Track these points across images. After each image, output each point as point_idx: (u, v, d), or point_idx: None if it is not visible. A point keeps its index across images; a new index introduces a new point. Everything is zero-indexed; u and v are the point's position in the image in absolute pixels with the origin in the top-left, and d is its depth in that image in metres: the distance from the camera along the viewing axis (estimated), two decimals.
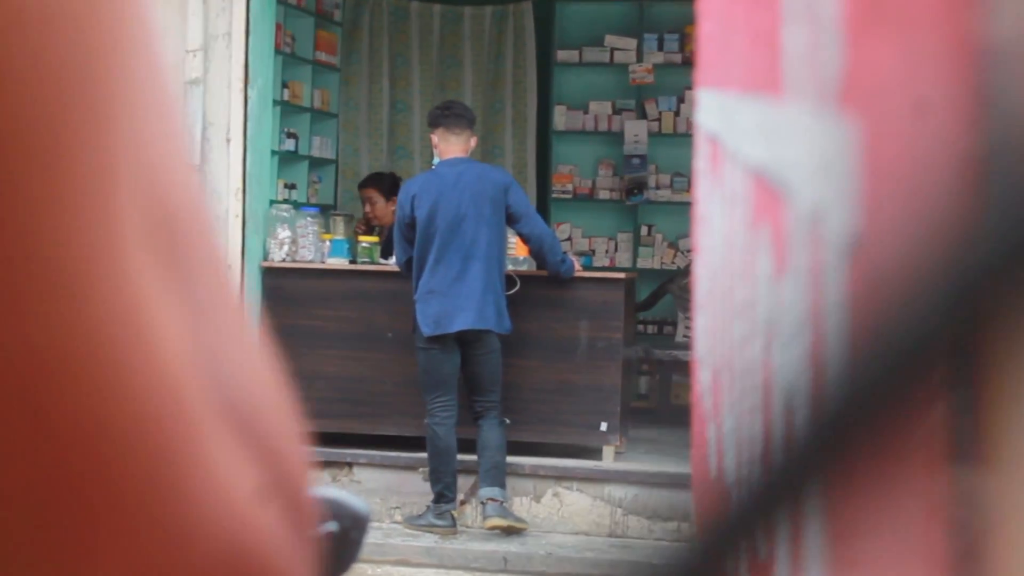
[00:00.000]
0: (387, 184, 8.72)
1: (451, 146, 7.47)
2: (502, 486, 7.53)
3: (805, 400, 0.73)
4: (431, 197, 7.36)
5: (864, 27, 0.51)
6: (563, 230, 11.24)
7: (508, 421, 7.65)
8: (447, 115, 7.50)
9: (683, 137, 11.01)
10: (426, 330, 7.35)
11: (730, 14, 1.15)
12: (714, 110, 1.35)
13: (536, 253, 7.64)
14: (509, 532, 7.58)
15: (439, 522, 7.57)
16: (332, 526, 1.61)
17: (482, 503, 7.57)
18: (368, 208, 8.90)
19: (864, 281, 0.50)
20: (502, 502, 7.52)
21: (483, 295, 7.33)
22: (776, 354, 0.84)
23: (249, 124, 8.28)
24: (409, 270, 7.54)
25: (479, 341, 7.41)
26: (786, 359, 0.80)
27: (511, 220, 7.44)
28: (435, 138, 7.54)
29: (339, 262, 8.32)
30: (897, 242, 0.44)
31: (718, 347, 1.28)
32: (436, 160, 7.64)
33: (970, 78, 0.39)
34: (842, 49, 0.55)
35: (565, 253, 7.88)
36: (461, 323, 7.30)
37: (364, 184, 9.24)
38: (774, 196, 0.80)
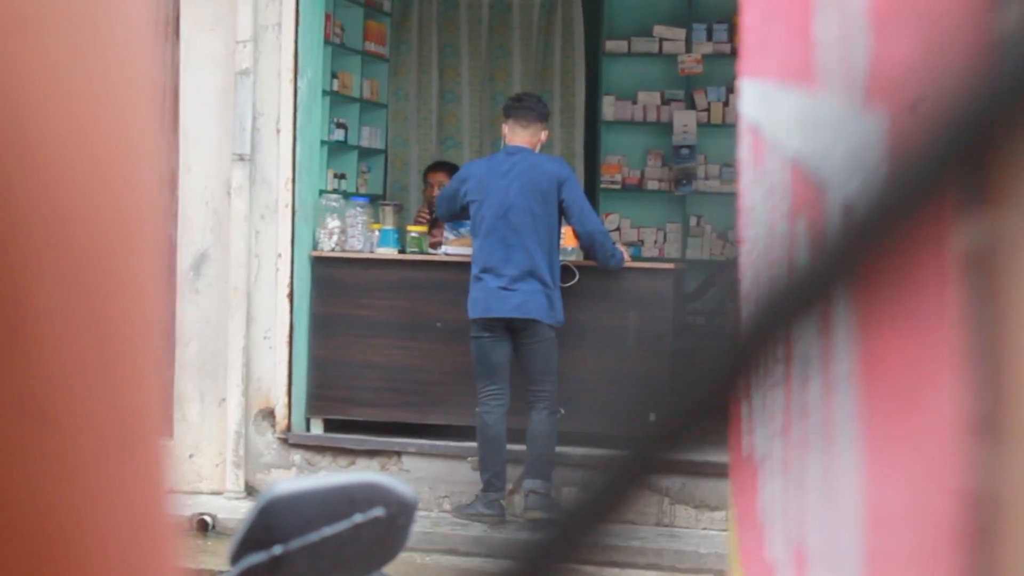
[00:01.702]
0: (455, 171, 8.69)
1: (517, 137, 7.54)
2: (546, 478, 7.53)
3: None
4: (480, 184, 7.43)
5: (888, 18, 0.52)
6: (612, 220, 11.22)
7: (563, 411, 7.65)
8: (517, 107, 7.58)
9: (732, 127, 10.92)
10: (470, 312, 7.44)
11: (770, 4, 1.16)
12: (755, 100, 1.35)
13: (587, 249, 7.67)
14: None
15: (488, 511, 7.59)
16: (379, 511, 1.63)
17: (525, 495, 7.58)
18: (434, 192, 8.93)
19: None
20: (545, 494, 7.53)
21: (526, 284, 7.36)
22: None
23: (299, 115, 8.33)
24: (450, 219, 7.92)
25: (527, 330, 7.44)
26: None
27: (564, 214, 7.47)
28: (505, 128, 7.62)
29: (388, 252, 8.35)
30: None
31: None
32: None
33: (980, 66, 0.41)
34: (868, 40, 0.55)
35: (614, 245, 7.88)
36: (498, 310, 7.35)
37: (433, 168, 9.30)
38: (811, 187, 0.81)
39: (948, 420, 0.51)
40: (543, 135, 7.63)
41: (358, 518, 1.55)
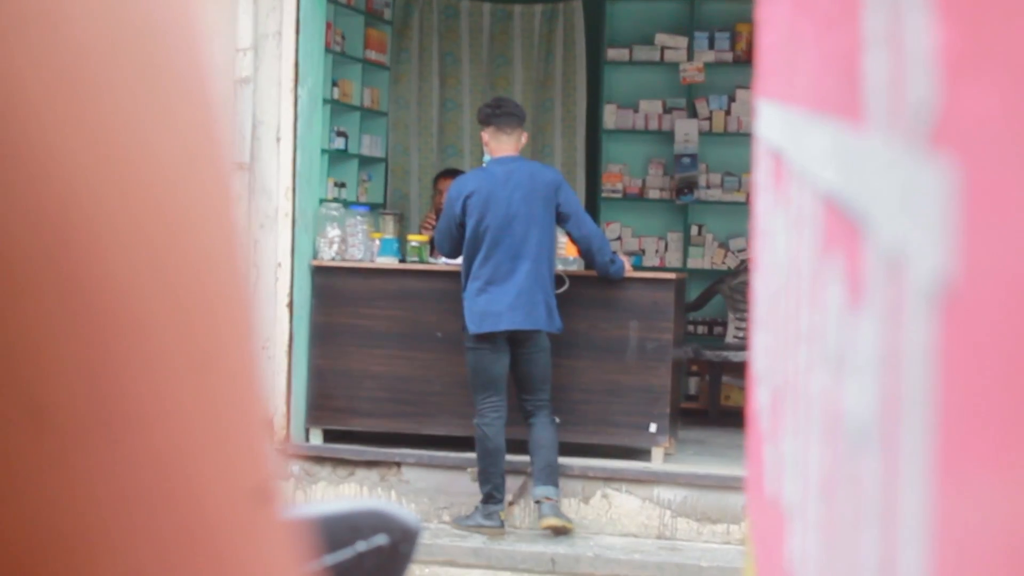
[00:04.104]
0: None
1: (502, 144, 7.44)
2: (556, 485, 7.52)
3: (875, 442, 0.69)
4: (482, 196, 7.34)
5: (964, 66, 0.47)
6: (613, 229, 11.19)
7: (559, 420, 7.63)
8: (498, 114, 7.45)
9: (734, 136, 10.94)
10: (472, 328, 7.34)
11: (796, 30, 1.11)
12: (777, 124, 1.31)
13: (585, 253, 7.61)
14: (559, 533, 7.56)
15: (487, 523, 7.55)
16: (381, 539, 1.59)
17: (537, 502, 7.54)
18: (443, 199, 8.91)
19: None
20: (556, 501, 7.50)
21: (532, 294, 7.31)
22: (846, 389, 0.81)
23: (299, 123, 8.28)
24: (455, 258, 7.62)
25: (529, 340, 7.39)
26: (857, 397, 0.76)
27: (560, 219, 7.41)
28: (485, 136, 7.51)
29: (388, 261, 8.31)
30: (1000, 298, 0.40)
31: (780, 368, 1.24)
32: (487, 158, 7.62)
33: None
34: (938, 85, 0.51)
35: (615, 253, 7.84)
36: (508, 322, 7.28)
37: (444, 174, 9.31)
38: (848, 225, 0.76)
39: None
40: (523, 138, 7.56)
41: (361, 546, 1.51)
